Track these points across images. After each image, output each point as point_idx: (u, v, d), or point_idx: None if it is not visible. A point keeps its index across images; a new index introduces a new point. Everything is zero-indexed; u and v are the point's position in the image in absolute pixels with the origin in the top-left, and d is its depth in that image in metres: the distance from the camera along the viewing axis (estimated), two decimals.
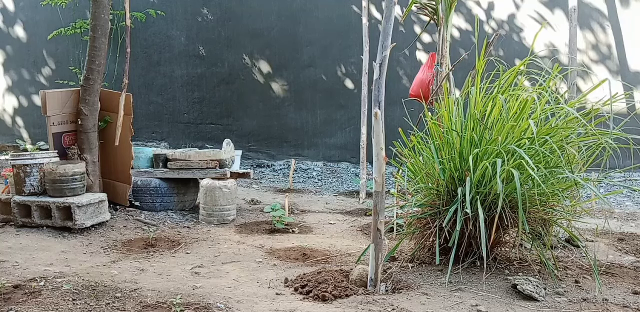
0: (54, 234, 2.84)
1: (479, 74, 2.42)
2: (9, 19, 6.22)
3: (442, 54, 3.49)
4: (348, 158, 5.31)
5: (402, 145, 2.55)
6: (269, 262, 2.46)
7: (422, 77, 3.66)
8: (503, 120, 2.25)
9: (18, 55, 6.25)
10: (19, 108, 6.33)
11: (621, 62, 4.72)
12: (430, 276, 2.23)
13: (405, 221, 2.58)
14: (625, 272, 2.36)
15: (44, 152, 3.07)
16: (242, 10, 5.51)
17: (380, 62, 1.99)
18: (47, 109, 3.17)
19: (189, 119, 5.82)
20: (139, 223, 3.18)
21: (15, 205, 2.91)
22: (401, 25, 5.03)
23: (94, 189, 3.21)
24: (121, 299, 1.94)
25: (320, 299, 1.96)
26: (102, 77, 3.29)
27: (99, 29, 3.21)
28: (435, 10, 3.52)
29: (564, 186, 2.25)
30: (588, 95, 2.39)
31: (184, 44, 5.74)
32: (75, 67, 5.35)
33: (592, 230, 2.98)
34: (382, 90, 2.00)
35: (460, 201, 2.11)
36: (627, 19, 4.67)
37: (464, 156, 2.26)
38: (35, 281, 2.09)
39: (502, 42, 4.82)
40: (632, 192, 4.33)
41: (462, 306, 1.92)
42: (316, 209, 3.77)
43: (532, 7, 4.85)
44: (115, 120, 3.33)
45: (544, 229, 2.33)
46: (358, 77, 4.74)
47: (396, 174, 3.08)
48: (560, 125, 2.27)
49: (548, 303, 1.98)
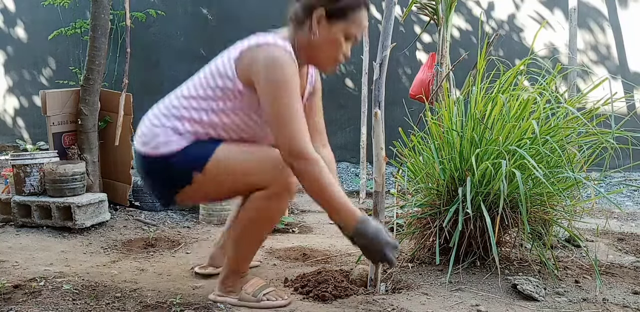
0: (54, 234, 2.84)
1: (479, 73, 2.42)
2: (9, 19, 6.22)
3: (442, 54, 3.49)
4: (348, 158, 5.31)
5: (402, 145, 2.55)
6: (268, 262, 2.46)
7: (422, 77, 3.66)
8: (504, 120, 2.25)
9: (18, 55, 6.25)
10: (19, 108, 6.33)
11: (621, 62, 4.72)
12: (430, 276, 2.23)
13: (405, 221, 2.58)
14: (625, 272, 2.36)
15: (44, 152, 3.07)
16: (242, 10, 5.51)
17: (380, 62, 1.99)
18: (47, 109, 3.17)
19: None
20: (139, 223, 3.18)
21: (15, 205, 2.91)
22: (401, 25, 5.04)
23: (94, 189, 3.21)
24: (121, 299, 1.94)
25: (320, 299, 1.95)
26: (102, 77, 3.29)
27: (99, 29, 3.21)
28: (435, 10, 3.52)
29: (565, 185, 2.25)
30: (588, 95, 2.39)
31: (184, 44, 5.74)
32: (75, 67, 5.35)
33: (592, 230, 2.98)
34: (382, 90, 2.00)
35: (461, 201, 2.11)
36: (627, 20, 4.67)
37: (464, 155, 2.26)
38: (35, 281, 2.09)
39: (502, 42, 4.82)
40: (632, 192, 4.33)
41: (462, 306, 1.92)
42: (316, 209, 3.77)
43: (532, 7, 4.85)
44: (115, 120, 3.33)
45: (544, 229, 2.33)
46: (358, 77, 4.73)
47: (396, 174, 3.08)
48: (561, 125, 2.27)
49: (548, 303, 1.98)
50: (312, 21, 1.71)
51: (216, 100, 1.75)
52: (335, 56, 1.76)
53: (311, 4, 1.71)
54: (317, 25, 1.71)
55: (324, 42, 1.73)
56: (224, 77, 1.75)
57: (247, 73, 1.69)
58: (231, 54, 1.77)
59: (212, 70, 1.80)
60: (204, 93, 1.78)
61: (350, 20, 1.71)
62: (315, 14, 1.70)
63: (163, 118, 1.83)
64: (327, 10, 1.69)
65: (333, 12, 1.70)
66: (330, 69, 1.82)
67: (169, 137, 1.78)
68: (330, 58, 1.77)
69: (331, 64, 1.80)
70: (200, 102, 1.78)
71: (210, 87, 1.77)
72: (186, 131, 1.78)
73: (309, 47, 1.75)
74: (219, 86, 1.74)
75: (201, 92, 1.78)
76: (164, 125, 1.80)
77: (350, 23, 1.72)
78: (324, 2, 1.69)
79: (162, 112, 1.84)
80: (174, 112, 1.81)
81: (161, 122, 1.82)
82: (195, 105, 1.78)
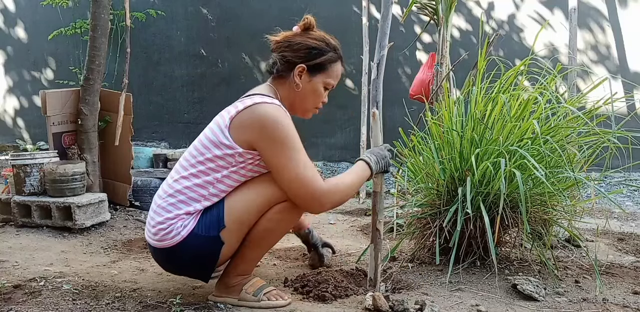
0: (54, 234, 2.84)
1: (479, 73, 2.42)
2: (9, 19, 6.22)
3: (442, 54, 3.49)
4: (348, 158, 5.31)
5: (402, 145, 2.55)
6: (268, 262, 2.46)
7: (422, 77, 3.65)
8: (504, 120, 2.25)
9: (18, 55, 6.26)
10: (19, 108, 6.33)
11: (621, 62, 4.72)
12: (430, 276, 2.23)
13: (405, 221, 2.58)
14: (625, 272, 2.36)
15: (44, 152, 3.07)
16: (242, 10, 5.52)
17: (377, 61, 1.99)
18: (47, 109, 3.17)
19: (189, 119, 5.82)
20: (139, 223, 3.18)
21: (15, 205, 2.91)
22: (401, 25, 5.04)
23: (94, 189, 3.21)
24: (121, 299, 1.94)
25: (320, 299, 1.95)
26: (102, 77, 3.29)
27: (99, 29, 3.21)
28: (435, 10, 3.52)
29: (565, 185, 2.25)
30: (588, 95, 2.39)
31: (184, 44, 5.74)
32: (75, 67, 5.35)
33: (592, 230, 2.98)
34: (379, 90, 2.00)
35: (461, 201, 2.11)
36: (627, 19, 4.67)
37: (464, 155, 2.26)
38: (35, 281, 2.09)
39: (502, 42, 4.82)
40: (632, 192, 4.33)
41: (462, 305, 1.92)
42: None
43: (532, 7, 4.85)
44: (115, 121, 3.33)
45: (544, 229, 2.33)
46: (358, 77, 4.73)
47: (396, 174, 3.08)
48: (561, 125, 2.27)
49: (548, 303, 1.98)
50: (295, 75, 1.85)
51: (219, 170, 1.77)
52: (316, 104, 1.94)
53: (293, 59, 1.85)
54: (299, 79, 1.86)
55: (306, 93, 1.89)
56: (220, 145, 1.76)
57: (243, 136, 1.74)
58: (220, 123, 1.79)
59: (204, 143, 1.80)
60: (205, 168, 1.78)
61: (328, 72, 1.90)
62: (297, 68, 1.85)
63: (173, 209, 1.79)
64: (308, 65, 1.85)
65: (313, 67, 1.86)
66: (310, 115, 1.98)
67: (183, 222, 1.78)
68: (311, 106, 1.94)
69: (311, 111, 1.97)
70: (204, 177, 1.78)
71: (209, 160, 1.77)
72: (196, 210, 1.79)
73: (291, 98, 1.89)
74: (218, 155, 1.76)
75: (202, 168, 1.78)
76: (175, 218, 1.78)
77: (328, 75, 1.90)
78: (305, 59, 1.85)
79: (170, 202, 1.80)
80: (181, 198, 1.79)
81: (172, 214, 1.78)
82: (199, 181, 1.78)
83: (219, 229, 1.77)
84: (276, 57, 1.87)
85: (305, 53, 1.85)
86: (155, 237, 1.79)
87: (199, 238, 1.77)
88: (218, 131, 1.78)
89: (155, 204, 1.83)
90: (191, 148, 1.85)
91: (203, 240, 1.76)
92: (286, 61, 1.86)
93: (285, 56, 1.86)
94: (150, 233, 1.82)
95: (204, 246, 1.77)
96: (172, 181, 1.83)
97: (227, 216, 1.77)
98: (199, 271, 1.88)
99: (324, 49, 1.87)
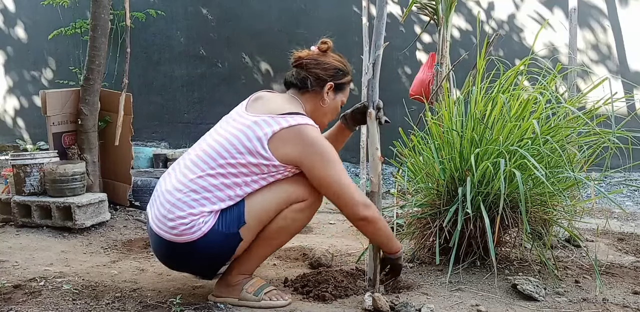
0: (54, 234, 2.84)
1: (479, 73, 2.42)
2: (9, 19, 6.22)
3: (442, 54, 3.49)
4: (348, 158, 5.30)
5: (402, 145, 2.55)
6: (269, 262, 2.46)
7: (422, 77, 3.65)
8: (504, 119, 2.25)
9: (18, 55, 6.25)
10: (19, 108, 6.33)
11: (621, 62, 4.72)
12: (430, 276, 2.23)
13: (405, 221, 2.58)
14: (625, 272, 2.36)
15: (44, 152, 3.07)
16: (242, 10, 5.51)
17: (373, 61, 2.00)
18: (47, 109, 3.17)
19: (189, 119, 5.82)
20: (139, 223, 3.18)
21: (15, 205, 2.91)
22: (401, 25, 5.04)
23: (94, 189, 3.21)
24: (121, 299, 1.94)
25: (320, 299, 1.96)
26: (102, 77, 3.29)
27: (99, 29, 3.21)
28: (435, 10, 3.52)
29: (565, 185, 2.25)
30: (588, 95, 2.39)
31: (184, 44, 5.74)
32: (75, 67, 5.35)
33: (592, 230, 2.98)
34: (376, 90, 2.01)
35: (461, 201, 2.11)
36: (627, 19, 4.67)
37: (464, 155, 2.26)
38: (35, 281, 2.09)
39: (502, 42, 4.81)
40: (632, 192, 4.33)
41: (462, 305, 1.93)
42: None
43: (532, 7, 4.85)
44: (115, 121, 3.33)
45: (544, 229, 2.33)
46: (358, 77, 4.72)
47: (396, 174, 3.08)
48: (561, 125, 2.27)
49: (548, 303, 1.98)
50: (324, 92, 2.01)
51: (250, 175, 1.84)
52: (331, 119, 2.11)
53: (324, 77, 2.00)
54: (327, 95, 2.01)
55: (330, 109, 2.06)
56: (256, 154, 1.80)
57: (284, 151, 1.82)
58: (257, 131, 1.82)
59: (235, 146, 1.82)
60: (237, 171, 1.81)
61: (345, 92, 2.09)
62: (327, 86, 2.00)
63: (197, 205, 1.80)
64: (335, 84, 2.01)
65: (337, 86, 2.03)
66: (323, 128, 2.08)
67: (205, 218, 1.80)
68: (327, 121, 2.10)
69: (326, 126, 2.11)
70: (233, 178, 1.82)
71: (242, 164, 1.81)
72: (220, 208, 1.83)
73: (314, 112, 2.01)
74: (252, 163, 1.82)
75: (233, 171, 1.81)
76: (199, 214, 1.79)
77: (345, 94, 2.09)
78: (334, 78, 2.01)
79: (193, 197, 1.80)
80: (207, 195, 1.81)
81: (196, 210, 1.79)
82: (228, 182, 1.82)
83: (239, 225, 1.82)
84: (307, 74, 1.98)
85: (334, 73, 2.01)
86: (173, 231, 1.79)
87: (219, 234, 1.80)
88: (255, 139, 1.81)
89: (174, 197, 1.81)
90: (212, 146, 1.85)
91: (223, 236, 1.81)
92: (317, 78, 1.99)
93: (318, 74, 1.98)
94: (165, 226, 1.80)
95: (223, 241, 1.82)
96: (194, 176, 1.82)
97: (247, 213, 1.83)
98: (210, 267, 1.94)
99: (346, 70, 2.06)
